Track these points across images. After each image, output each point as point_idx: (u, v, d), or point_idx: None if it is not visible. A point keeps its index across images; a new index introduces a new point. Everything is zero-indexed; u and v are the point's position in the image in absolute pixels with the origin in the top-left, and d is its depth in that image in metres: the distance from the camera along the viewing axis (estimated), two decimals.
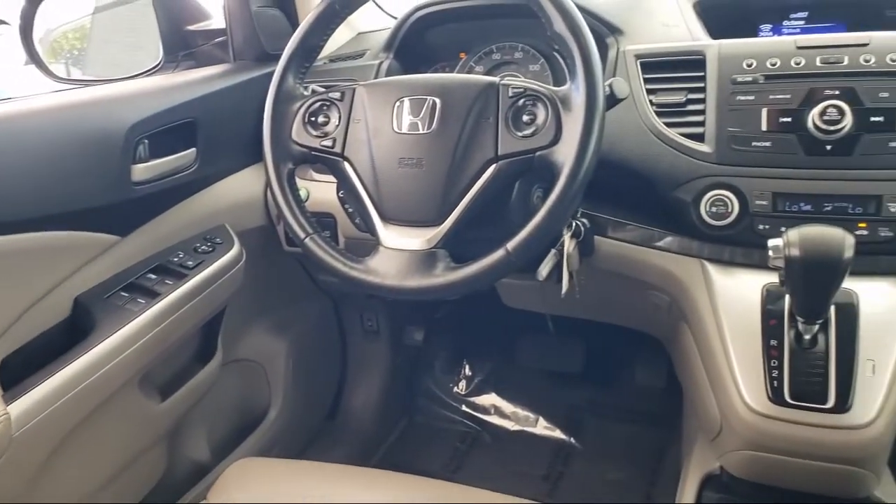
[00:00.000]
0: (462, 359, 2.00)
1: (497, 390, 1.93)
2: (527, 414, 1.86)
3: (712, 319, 0.94)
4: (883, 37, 0.94)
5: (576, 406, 1.84)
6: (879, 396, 0.83)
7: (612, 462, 1.67)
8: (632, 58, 1.06)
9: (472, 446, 1.82)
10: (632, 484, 1.61)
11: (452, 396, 1.95)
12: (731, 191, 0.95)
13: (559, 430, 1.80)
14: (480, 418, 1.89)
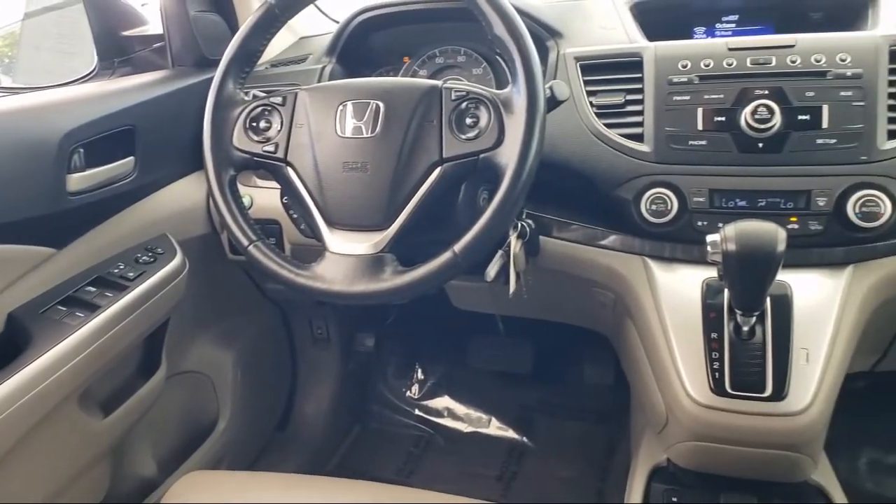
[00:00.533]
0: (414, 363, 2.00)
1: (449, 393, 1.93)
2: (479, 415, 1.87)
3: (655, 315, 0.97)
4: (807, 38, 0.98)
5: (527, 406, 1.86)
6: (813, 383, 0.86)
7: (564, 460, 1.69)
8: (571, 60, 1.08)
9: (426, 450, 1.82)
10: (584, 480, 1.63)
11: (405, 401, 1.94)
12: (669, 189, 0.98)
13: (511, 430, 1.82)
14: (433, 421, 1.89)
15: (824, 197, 0.92)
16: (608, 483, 1.59)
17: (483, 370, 1.94)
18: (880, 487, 1.52)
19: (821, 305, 0.91)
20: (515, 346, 1.90)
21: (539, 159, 0.85)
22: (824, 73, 0.94)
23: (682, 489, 1.00)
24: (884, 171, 0.90)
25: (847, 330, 0.90)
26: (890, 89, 0.93)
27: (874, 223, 0.90)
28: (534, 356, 1.89)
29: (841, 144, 0.92)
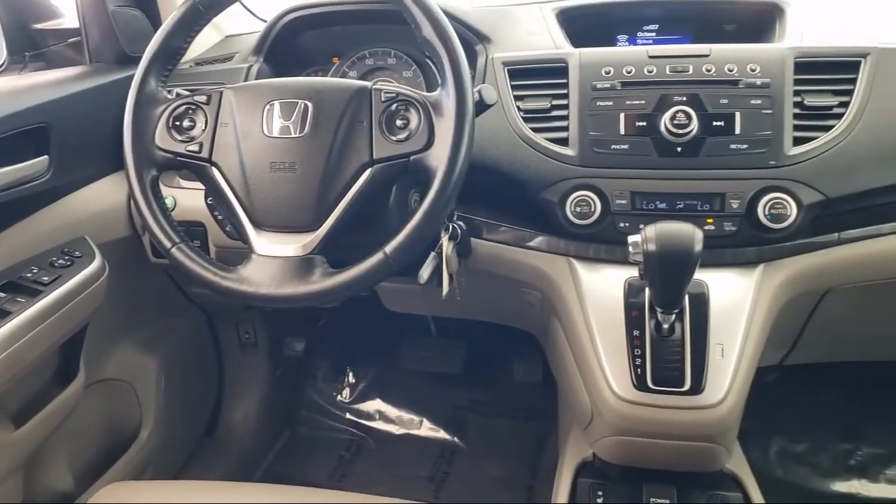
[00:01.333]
0: (345, 366, 1.98)
1: (381, 395, 1.93)
2: (411, 417, 1.87)
3: (580, 314, 0.99)
4: (721, 48, 1.03)
5: (458, 406, 1.88)
6: (727, 377, 0.90)
7: (496, 458, 1.72)
8: (500, 65, 1.10)
9: (358, 454, 1.81)
10: (514, 478, 1.66)
11: (336, 405, 1.93)
12: (593, 191, 1.01)
13: (443, 430, 1.83)
14: (365, 425, 1.88)
15: (737, 199, 0.96)
16: (538, 480, 1.62)
17: (415, 372, 1.94)
18: (789, 474, 1.61)
19: (734, 303, 0.95)
20: (447, 347, 1.92)
21: (469, 162, 0.86)
22: (736, 82, 0.99)
23: (607, 483, 1.03)
24: (790, 176, 0.95)
25: (758, 326, 0.95)
26: (795, 98, 0.98)
27: (782, 224, 0.95)
28: (465, 356, 1.91)
29: (752, 150, 0.97)
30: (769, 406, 1.64)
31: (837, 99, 0.98)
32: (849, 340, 1.29)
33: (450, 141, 0.84)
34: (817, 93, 0.99)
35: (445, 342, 1.91)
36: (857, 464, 1.61)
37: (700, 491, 1.00)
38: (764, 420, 1.65)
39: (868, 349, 1.33)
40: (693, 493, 1.00)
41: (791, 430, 1.66)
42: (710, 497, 0.99)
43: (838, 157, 0.95)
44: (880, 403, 1.67)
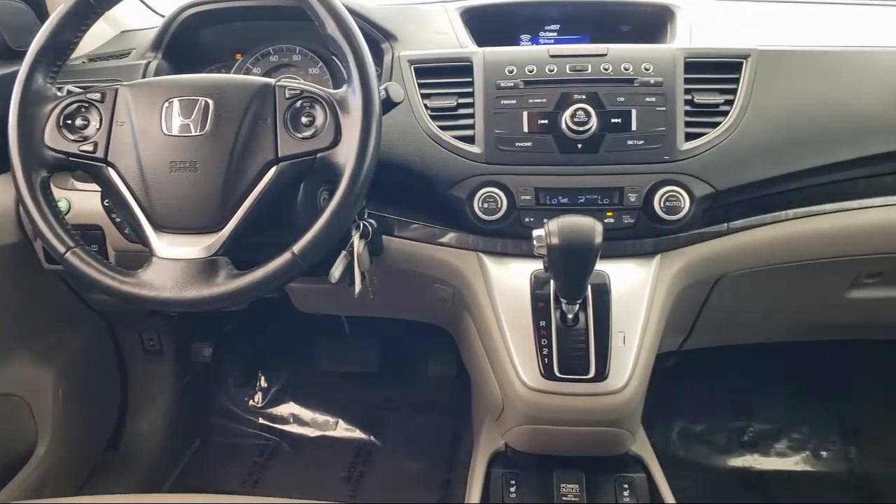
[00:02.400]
0: (256, 370, 1.94)
1: (295, 398, 1.90)
2: (326, 418, 1.86)
3: (489, 307, 1.02)
4: (618, 48, 1.07)
5: (374, 404, 1.87)
6: (629, 363, 0.95)
7: (412, 454, 1.73)
8: (406, 63, 1.11)
9: (272, 458, 1.77)
10: (431, 473, 1.67)
11: (248, 410, 1.88)
12: (499, 188, 1.03)
13: (359, 430, 1.82)
14: (279, 429, 1.85)
15: (635, 193, 1.01)
16: (454, 473, 1.64)
17: (329, 373, 1.93)
18: (689, 453, 1.70)
19: (634, 292, 1.00)
20: (361, 347, 1.91)
21: (377, 159, 0.86)
22: (632, 81, 1.03)
23: (520, 472, 1.06)
24: (683, 170, 1.01)
25: (657, 313, 1.00)
26: (686, 96, 1.04)
27: (676, 216, 1.00)
28: (379, 355, 1.91)
29: (647, 145, 1.01)
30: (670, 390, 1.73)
31: (723, 97, 1.04)
32: (740, 324, 1.38)
33: (357, 138, 0.84)
34: (705, 91, 1.05)
35: (359, 341, 1.90)
36: (750, 440, 1.72)
37: (607, 474, 1.04)
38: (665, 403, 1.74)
39: (758, 332, 1.42)
40: (601, 477, 1.04)
41: (690, 412, 1.76)
42: (616, 479, 1.04)
43: (725, 151, 1.01)
44: (770, 383, 1.79)
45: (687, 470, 1.66)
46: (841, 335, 1.43)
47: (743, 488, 1.63)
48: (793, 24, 1.25)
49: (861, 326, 1.37)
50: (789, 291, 1.23)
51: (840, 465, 1.66)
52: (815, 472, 1.66)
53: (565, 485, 1.02)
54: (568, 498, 1.01)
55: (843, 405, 1.74)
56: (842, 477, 1.64)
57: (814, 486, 1.62)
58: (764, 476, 1.65)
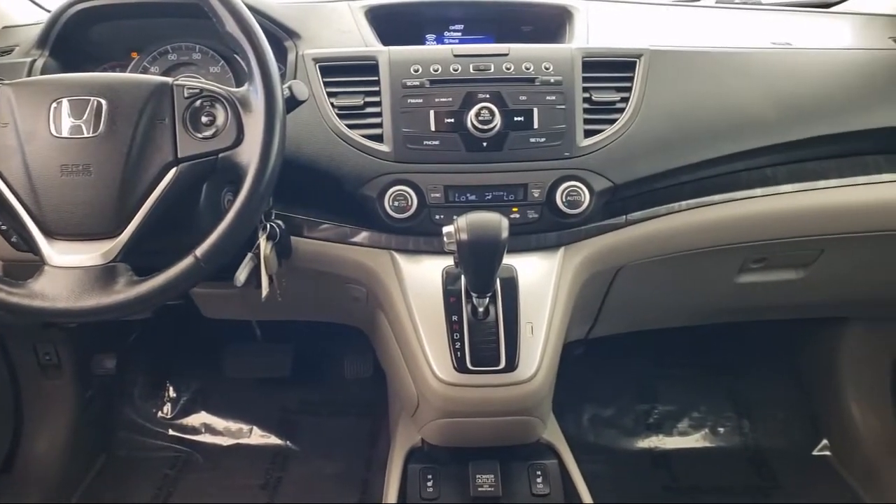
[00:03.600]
0: (164, 380, 1.87)
1: (206, 407, 1.84)
2: (240, 426, 1.81)
3: (402, 304, 1.02)
4: (519, 48, 1.10)
5: (289, 409, 1.84)
6: (538, 353, 0.98)
7: (330, 457, 1.71)
8: (311, 61, 1.10)
9: (184, 470, 1.71)
10: (349, 474, 1.66)
11: (156, 422, 1.82)
12: (409, 186, 1.03)
13: (274, 435, 1.79)
14: (190, 440, 1.79)
15: (538, 189, 1.04)
16: (372, 473, 1.64)
17: (241, 380, 1.88)
18: (599, 438, 1.78)
19: (540, 284, 1.03)
20: (274, 351, 1.87)
21: (282, 158, 0.85)
22: (533, 80, 1.06)
23: (436, 467, 1.07)
24: (583, 165, 1.05)
25: (562, 303, 1.03)
26: (584, 94, 1.08)
27: (577, 210, 1.04)
28: (293, 359, 1.88)
29: (549, 143, 1.05)
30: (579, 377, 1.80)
31: (619, 95, 1.09)
32: (641, 311, 1.44)
33: (260, 137, 0.83)
34: (602, 89, 1.09)
35: (272, 346, 1.87)
36: (655, 421, 1.81)
37: (521, 462, 1.07)
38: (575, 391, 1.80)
39: (658, 318, 1.50)
40: (514, 465, 1.07)
41: (599, 398, 1.83)
42: (529, 467, 1.07)
43: (622, 147, 1.06)
44: (672, 366, 1.89)
45: (597, 454, 1.73)
46: (733, 318, 1.52)
47: (650, 468, 1.72)
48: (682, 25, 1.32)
49: (750, 309, 1.47)
50: (684, 279, 1.30)
51: (735, 440, 1.77)
52: (713, 447, 1.77)
53: (480, 476, 1.04)
54: (483, 488, 1.03)
55: (737, 384, 1.86)
56: (737, 451, 1.75)
57: (712, 461, 1.73)
58: (668, 455, 1.75)
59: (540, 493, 1.03)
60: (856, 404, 1.68)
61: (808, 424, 1.79)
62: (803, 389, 1.83)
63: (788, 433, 1.78)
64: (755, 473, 1.69)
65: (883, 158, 1.19)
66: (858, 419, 1.67)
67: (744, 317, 1.52)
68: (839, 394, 1.71)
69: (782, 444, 1.76)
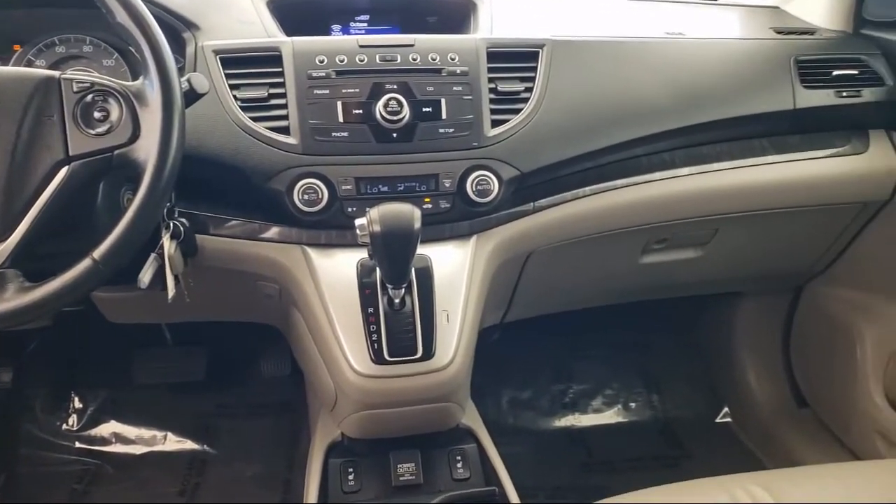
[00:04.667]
0: (68, 391, 1.77)
1: (116, 416, 1.76)
2: (153, 433, 1.74)
3: (317, 299, 1.01)
4: (425, 39, 1.10)
5: (205, 413, 1.79)
6: (454, 340, 0.99)
7: (250, 458, 1.68)
8: (210, 53, 1.06)
9: (93, 483, 1.64)
10: (271, 475, 1.64)
11: (61, 435, 1.72)
12: (319, 179, 1.02)
13: (190, 441, 1.73)
14: (99, 451, 1.71)
15: (449, 179, 1.05)
16: (294, 472, 1.62)
17: (152, 386, 1.81)
18: (518, 420, 1.82)
19: (454, 272, 1.04)
20: (186, 354, 1.81)
21: (182, 154, 0.83)
22: (440, 70, 1.07)
23: (357, 459, 1.07)
24: (490, 155, 1.06)
25: (476, 290, 1.05)
26: (490, 84, 1.09)
27: (487, 199, 1.05)
28: (207, 361, 1.83)
29: (457, 133, 1.06)
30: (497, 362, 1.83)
31: (524, 85, 1.11)
32: (553, 295, 1.49)
33: (158, 132, 0.79)
34: (507, 79, 1.11)
35: (184, 349, 1.81)
36: (570, 400, 1.87)
37: (441, 449, 1.09)
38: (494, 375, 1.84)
39: (569, 300, 1.55)
40: (435, 453, 1.08)
41: (517, 381, 1.88)
42: (449, 452, 1.08)
43: (527, 136, 1.08)
44: (585, 346, 1.96)
45: (517, 435, 1.77)
46: (638, 297, 1.59)
47: (567, 445, 1.78)
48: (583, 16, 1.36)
49: (654, 288, 1.54)
50: (591, 261, 1.35)
51: (646, 414, 1.86)
52: (626, 422, 1.85)
53: (401, 465, 1.05)
54: (405, 477, 1.04)
55: (645, 360, 1.95)
56: (647, 424, 1.84)
57: (625, 435, 1.81)
58: (584, 432, 1.81)
59: (460, 477, 1.05)
60: (751, 372, 1.79)
61: (710, 394, 1.90)
62: (705, 361, 1.93)
63: (693, 404, 1.88)
64: (665, 444, 1.77)
65: (768, 141, 1.27)
66: (754, 386, 1.78)
67: (648, 295, 1.60)
68: (736, 364, 1.82)
69: (688, 414, 1.86)
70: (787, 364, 1.77)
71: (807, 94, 1.24)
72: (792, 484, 0.89)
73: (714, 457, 1.72)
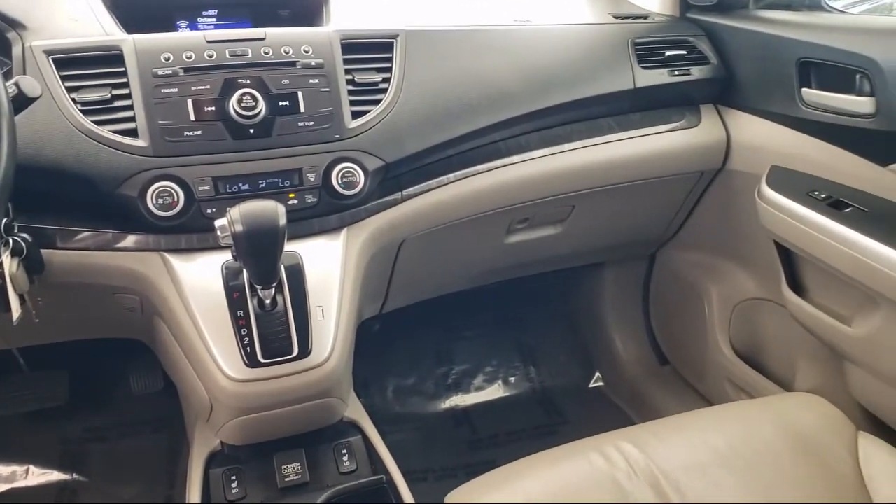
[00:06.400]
0: None
1: None
2: (13, 468, 1.60)
3: (181, 307, 0.97)
4: (276, 32, 1.08)
5: (71, 439, 1.67)
6: (331, 335, 0.99)
7: (126, 481, 1.58)
8: (41, 54, 0.98)
9: None
10: (150, 494, 1.56)
11: None
12: (174, 181, 0.98)
13: (57, 471, 1.61)
14: None
15: (313, 173, 1.04)
16: (176, 489, 1.55)
17: (9, 416, 1.66)
18: (405, 406, 1.84)
19: (327, 267, 1.04)
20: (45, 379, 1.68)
21: (15, 163, 0.76)
22: (294, 63, 1.06)
23: (240, 466, 1.04)
24: (353, 146, 1.06)
25: (350, 283, 1.05)
26: (347, 76, 1.09)
27: (354, 191, 1.06)
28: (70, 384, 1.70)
29: (318, 126, 1.05)
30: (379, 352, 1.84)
31: (381, 76, 1.12)
32: (428, 280, 1.51)
33: None
34: (364, 70, 1.11)
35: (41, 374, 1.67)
36: (454, 382, 1.92)
37: (326, 444, 1.08)
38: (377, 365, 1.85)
39: (443, 284, 1.58)
40: (320, 448, 1.07)
41: (401, 369, 1.90)
42: (335, 447, 1.08)
43: (389, 126, 1.09)
44: (464, 328, 2.01)
45: (404, 422, 1.79)
46: (508, 275, 1.66)
47: (453, 426, 1.82)
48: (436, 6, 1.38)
49: (521, 266, 1.61)
50: (461, 245, 1.39)
51: (525, 386, 1.94)
52: (507, 396, 1.92)
53: (286, 465, 1.03)
54: (290, 477, 1.02)
55: (522, 334, 2.03)
56: (527, 396, 1.92)
57: (507, 409, 1.87)
58: (468, 411, 1.86)
59: (347, 470, 1.05)
60: (617, 337, 1.91)
61: (583, 361, 2.00)
62: (576, 331, 2.04)
63: (568, 373, 1.98)
64: (544, 413, 1.86)
65: (613, 120, 1.36)
66: (621, 349, 1.91)
67: (517, 273, 1.66)
68: (604, 330, 1.94)
69: (564, 382, 1.95)
70: (649, 326, 1.91)
71: (644, 74, 1.33)
72: (654, 435, 0.97)
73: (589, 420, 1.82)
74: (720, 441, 0.95)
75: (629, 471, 0.90)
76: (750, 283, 1.51)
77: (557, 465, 0.92)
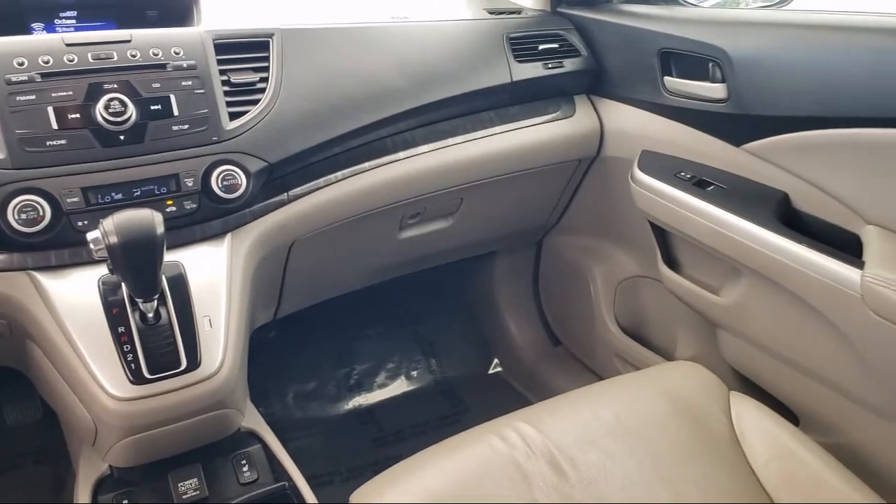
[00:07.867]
0: None
1: None
2: None
3: (55, 328, 0.91)
4: (142, 34, 1.03)
5: None
6: (220, 345, 0.96)
7: None
8: None
9: None
10: None
11: None
12: (38, 194, 0.92)
13: None
14: None
15: (191, 178, 1.00)
16: None
17: None
18: (307, 411, 1.81)
19: (212, 275, 1.00)
20: None
21: None
22: (164, 66, 1.01)
23: (132, 489, 0.99)
24: (233, 148, 1.04)
25: (238, 290, 1.02)
26: (222, 77, 1.06)
27: (236, 194, 1.03)
28: None
29: (193, 129, 1.01)
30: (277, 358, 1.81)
31: (258, 75, 1.10)
32: (323, 281, 1.50)
33: None
34: (240, 71, 1.09)
35: None
36: (356, 382, 1.91)
37: (223, 457, 1.05)
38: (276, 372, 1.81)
39: (338, 284, 1.57)
40: (218, 461, 1.04)
41: (301, 374, 1.86)
42: (233, 458, 1.05)
43: (269, 126, 1.07)
44: (363, 327, 2.00)
45: (308, 428, 1.76)
46: (404, 270, 1.67)
47: (359, 426, 1.81)
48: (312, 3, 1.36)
49: (416, 260, 1.62)
50: (353, 244, 1.38)
51: (427, 379, 1.96)
52: (411, 390, 1.93)
53: (183, 483, 0.99)
54: (188, 495, 0.99)
55: (421, 328, 2.05)
56: (430, 388, 1.94)
57: (411, 403, 1.89)
58: (372, 409, 1.86)
59: (247, 480, 1.02)
60: (512, 322, 1.97)
61: (482, 349, 2.05)
62: (474, 321, 2.08)
63: (468, 362, 2.02)
64: (447, 403, 1.89)
65: (494, 113, 1.40)
66: (516, 334, 1.97)
67: (413, 268, 1.68)
68: (498, 317, 1.99)
69: (464, 371, 1.99)
70: (540, 310, 1.97)
71: (520, 68, 1.38)
72: (550, 413, 1.01)
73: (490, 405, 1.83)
74: (609, 413, 1.00)
75: (527, 450, 0.93)
76: (630, 262, 1.59)
77: (458, 453, 0.94)
